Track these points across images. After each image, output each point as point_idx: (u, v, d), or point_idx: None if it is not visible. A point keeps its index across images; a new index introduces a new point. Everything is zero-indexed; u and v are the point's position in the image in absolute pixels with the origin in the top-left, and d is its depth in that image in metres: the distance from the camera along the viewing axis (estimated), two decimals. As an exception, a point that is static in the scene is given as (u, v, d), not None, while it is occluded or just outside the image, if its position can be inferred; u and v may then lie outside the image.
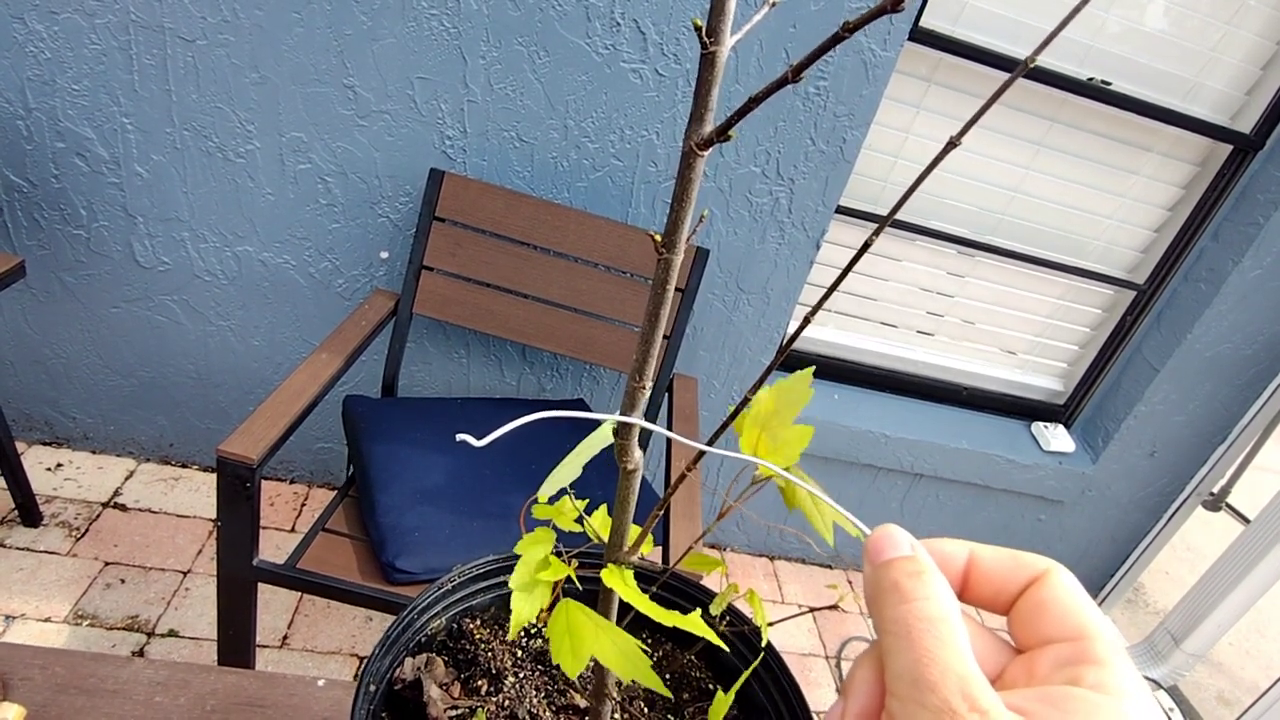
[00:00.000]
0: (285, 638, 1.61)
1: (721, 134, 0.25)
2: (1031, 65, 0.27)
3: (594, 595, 0.41)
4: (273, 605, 1.66)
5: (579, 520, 0.39)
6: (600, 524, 0.40)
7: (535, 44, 1.47)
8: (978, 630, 0.25)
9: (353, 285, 1.71)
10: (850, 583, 2.28)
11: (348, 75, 1.47)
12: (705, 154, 0.26)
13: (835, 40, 0.22)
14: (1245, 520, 2.20)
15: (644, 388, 0.31)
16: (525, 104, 1.53)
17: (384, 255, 1.67)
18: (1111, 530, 2.31)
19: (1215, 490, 2.24)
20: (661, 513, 0.38)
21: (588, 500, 0.41)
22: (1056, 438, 2.13)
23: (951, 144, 0.26)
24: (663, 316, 0.29)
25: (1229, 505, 2.31)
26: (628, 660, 0.31)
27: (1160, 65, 1.70)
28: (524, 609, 0.36)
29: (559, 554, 0.38)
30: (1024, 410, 2.21)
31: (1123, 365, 2.11)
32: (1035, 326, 2.07)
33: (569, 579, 0.39)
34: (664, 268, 0.28)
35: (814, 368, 0.37)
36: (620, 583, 0.35)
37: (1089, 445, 2.19)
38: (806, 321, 0.32)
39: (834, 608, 0.48)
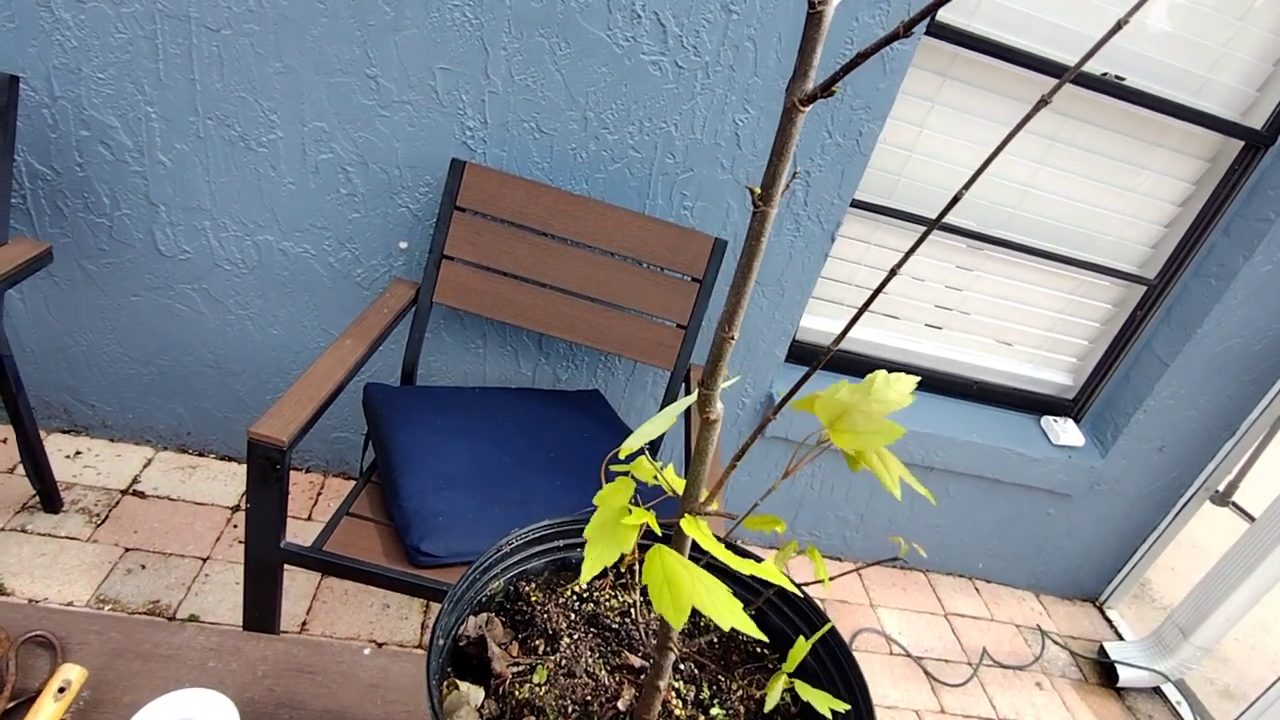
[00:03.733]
0: (304, 624, 1.62)
1: (826, 89, 0.26)
2: (1049, 102, 0.29)
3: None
4: (291, 592, 1.67)
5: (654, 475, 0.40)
6: (671, 478, 0.42)
7: (556, 35, 1.49)
8: None
9: (371, 275, 1.72)
10: (860, 575, 2.29)
11: (370, 65, 1.49)
12: (806, 109, 0.27)
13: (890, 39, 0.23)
14: (1250, 518, 2.22)
15: (732, 338, 0.32)
16: (545, 95, 1.54)
17: (403, 245, 1.69)
18: (1119, 524, 2.33)
19: (1222, 486, 2.26)
20: (733, 468, 0.39)
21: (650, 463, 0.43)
22: (1066, 432, 2.15)
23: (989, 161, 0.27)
24: (755, 268, 0.31)
25: (1234, 503, 2.33)
26: (727, 607, 0.32)
27: (1172, 61, 1.71)
28: (601, 554, 0.37)
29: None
30: (1034, 404, 2.22)
31: (1132, 360, 2.12)
32: (1045, 321, 2.08)
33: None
34: (759, 220, 0.29)
35: (920, 377, 0.38)
36: (698, 531, 0.36)
37: (1098, 439, 2.20)
38: (852, 323, 0.33)
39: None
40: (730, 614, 0.32)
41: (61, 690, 0.61)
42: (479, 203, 1.54)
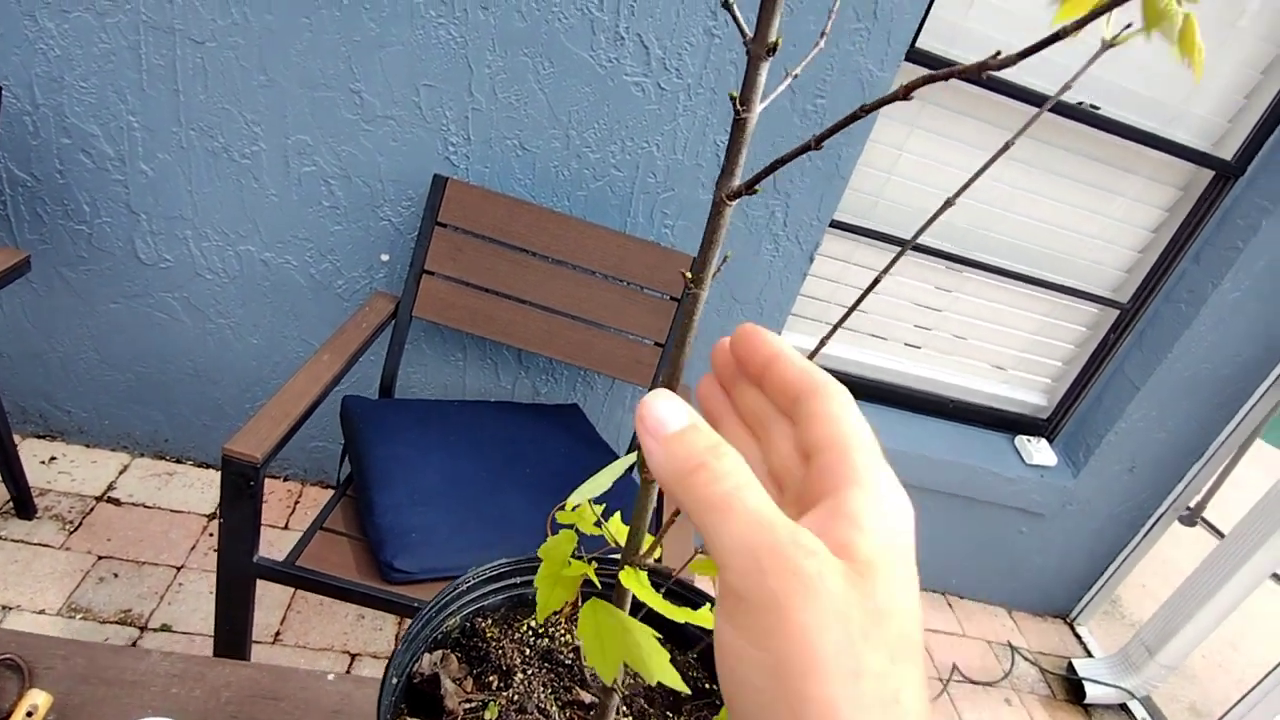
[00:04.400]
0: (278, 634, 1.63)
1: (749, 188, 0.28)
2: (1010, 147, 0.30)
3: (609, 595, 0.44)
4: (265, 601, 1.68)
5: (598, 524, 0.42)
6: (616, 530, 0.43)
7: (540, 55, 1.50)
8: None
9: (352, 287, 1.73)
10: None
11: (355, 80, 1.50)
12: (733, 204, 0.29)
13: (852, 118, 0.25)
14: (1220, 535, 2.26)
15: (668, 408, 0.34)
16: (528, 113, 1.56)
17: (384, 258, 1.69)
18: (1090, 543, 2.36)
19: (1191, 505, 2.30)
20: (673, 521, 0.41)
21: (604, 505, 0.44)
22: (1039, 451, 2.18)
23: (953, 194, 0.29)
24: (689, 343, 0.32)
25: (1204, 520, 2.37)
26: (652, 660, 0.34)
27: (1147, 91, 1.75)
28: (549, 599, 0.39)
29: (578, 556, 0.41)
30: (1008, 424, 2.25)
31: (1105, 382, 2.16)
32: (1021, 342, 2.12)
33: (584, 581, 0.42)
34: (692, 301, 0.31)
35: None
36: (636, 583, 0.38)
37: (1071, 460, 2.24)
38: (823, 342, 0.35)
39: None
40: (658, 669, 0.34)
41: (29, 715, 0.62)
42: (460, 218, 1.56)
